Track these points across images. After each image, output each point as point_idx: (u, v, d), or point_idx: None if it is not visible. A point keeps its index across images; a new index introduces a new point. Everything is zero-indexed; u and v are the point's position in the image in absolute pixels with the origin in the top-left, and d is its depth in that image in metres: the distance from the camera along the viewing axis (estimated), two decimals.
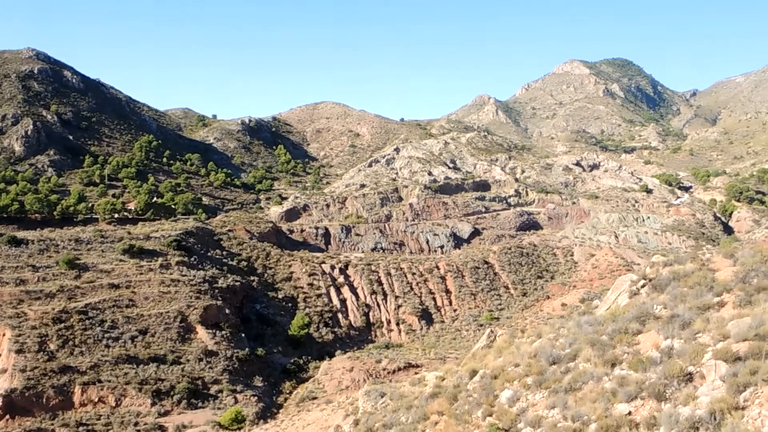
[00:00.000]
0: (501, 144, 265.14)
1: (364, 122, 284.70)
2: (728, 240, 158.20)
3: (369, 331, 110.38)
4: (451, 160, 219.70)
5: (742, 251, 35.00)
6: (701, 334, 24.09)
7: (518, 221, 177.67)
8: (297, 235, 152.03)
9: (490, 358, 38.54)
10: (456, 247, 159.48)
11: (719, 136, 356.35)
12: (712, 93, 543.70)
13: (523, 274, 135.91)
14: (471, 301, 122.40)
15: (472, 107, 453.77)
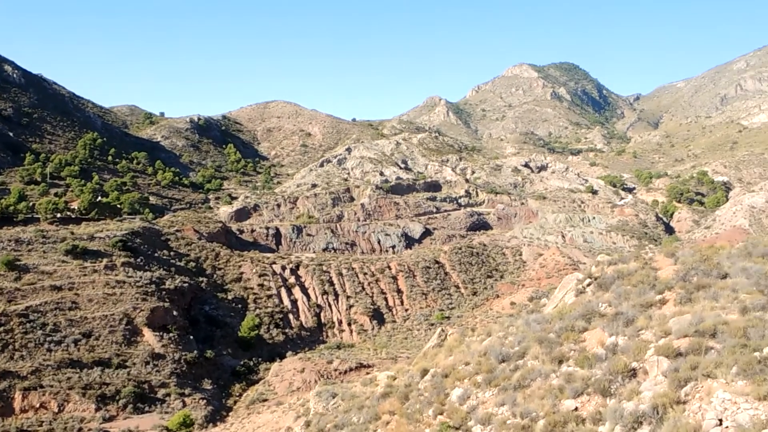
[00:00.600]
0: (452, 145, 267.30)
1: (316, 122, 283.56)
2: (669, 240, 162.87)
3: (320, 331, 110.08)
4: (402, 160, 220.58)
5: (683, 250, 36.16)
6: (644, 330, 24.82)
7: (469, 221, 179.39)
8: (247, 235, 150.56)
9: (441, 357, 38.89)
10: (407, 247, 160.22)
11: (661, 140, 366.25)
12: (654, 97, 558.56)
13: (474, 273, 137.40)
14: (422, 301, 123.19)
15: (424, 108, 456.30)
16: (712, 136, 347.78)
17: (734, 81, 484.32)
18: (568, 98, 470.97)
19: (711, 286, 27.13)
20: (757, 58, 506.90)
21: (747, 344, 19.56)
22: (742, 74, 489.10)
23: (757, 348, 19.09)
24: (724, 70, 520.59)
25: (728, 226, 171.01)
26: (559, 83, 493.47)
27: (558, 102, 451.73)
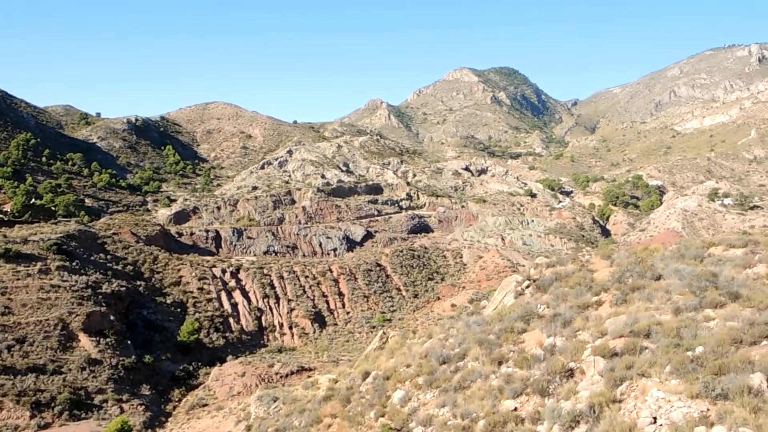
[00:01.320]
0: (393, 148, 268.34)
1: (257, 124, 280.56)
2: (606, 242, 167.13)
3: (261, 335, 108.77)
4: (344, 163, 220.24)
5: (618, 253, 37.02)
6: (581, 331, 25.24)
7: (410, 224, 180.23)
8: (186, 238, 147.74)
9: (382, 360, 38.82)
10: (349, 249, 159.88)
11: (598, 144, 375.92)
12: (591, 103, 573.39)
13: (415, 276, 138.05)
14: (364, 304, 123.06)
15: (365, 111, 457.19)
16: (646, 141, 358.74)
17: (668, 87, 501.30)
18: (508, 103, 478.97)
19: (645, 288, 27.79)
20: (690, 65, 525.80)
21: (680, 344, 20.05)
22: (675, 81, 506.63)
23: (689, 347, 19.58)
24: (658, 77, 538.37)
25: (662, 228, 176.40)
26: (499, 88, 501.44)
27: (498, 106, 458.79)
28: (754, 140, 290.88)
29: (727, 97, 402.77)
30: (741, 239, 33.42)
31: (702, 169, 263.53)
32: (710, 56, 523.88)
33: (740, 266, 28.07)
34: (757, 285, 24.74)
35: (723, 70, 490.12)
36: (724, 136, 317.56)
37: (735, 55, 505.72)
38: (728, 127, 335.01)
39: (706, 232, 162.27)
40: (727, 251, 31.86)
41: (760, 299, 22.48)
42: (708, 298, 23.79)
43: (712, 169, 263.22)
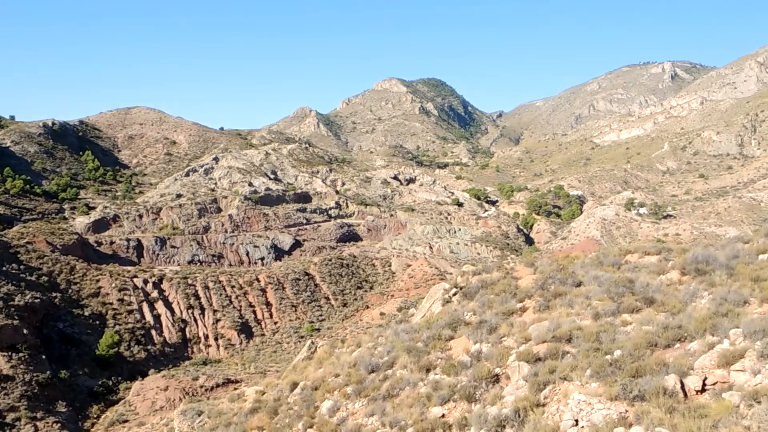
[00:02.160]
0: (322, 156, 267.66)
1: (181, 130, 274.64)
2: (529, 250, 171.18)
3: (185, 347, 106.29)
4: (272, 171, 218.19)
5: (541, 260, 38.03)
6: (506, 337, 25.80)
7: (339, 233, 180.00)
8: (106, 247, 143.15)
9: (310, 370, 38.60)
10: (277, 258, 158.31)
11: (522, 155, 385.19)
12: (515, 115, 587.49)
13: (344, 284, 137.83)
14: (292, 313, 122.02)
15: (294, 119, 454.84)
16: (567, 153, 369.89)
17: (588, 101, 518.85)
18: (436, 113, 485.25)
19: (567, 294, 28.63)
20: (608, 80, 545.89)
21: (599, 348, 20.76)
22: (594, 95, 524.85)
23: (608, 351, 20.29)
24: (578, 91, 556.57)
25: (582, 237, 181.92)
26: (427, 98, 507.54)
27: (426, 117, 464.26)
28: (667, 153, 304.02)
29: (642, 111, 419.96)
30: (655, 247, 34.88)
31: (619, 179, 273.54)
32: (627, 72, 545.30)
33: (655, 272, 29.28)
34: (670, 290, 25.86)
35: (638, 85, 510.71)
36: (639, 149, 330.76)
37: (650, 71, 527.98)
38: (643, 140, 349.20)
39: (623, 240, 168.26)
40: (643, 258, 33.17)
41: (673, 304, 23.51)
42: (625, 303, 24.71)
43: (629, 180, 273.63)
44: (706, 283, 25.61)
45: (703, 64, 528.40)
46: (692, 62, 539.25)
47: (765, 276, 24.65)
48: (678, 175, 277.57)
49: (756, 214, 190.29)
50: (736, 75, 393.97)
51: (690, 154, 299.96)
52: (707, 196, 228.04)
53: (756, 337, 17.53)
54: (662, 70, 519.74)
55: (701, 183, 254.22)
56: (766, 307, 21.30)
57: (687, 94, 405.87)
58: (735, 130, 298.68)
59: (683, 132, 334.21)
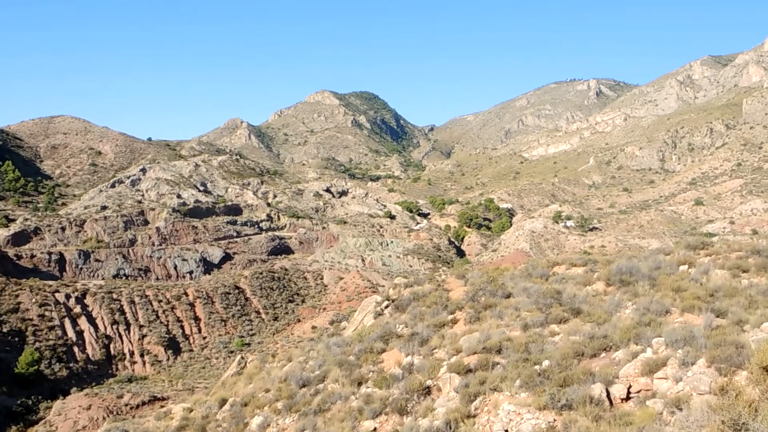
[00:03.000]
0: (253, 168, 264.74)
1: (108, 140, 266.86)
2: (460, 262, 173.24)
3: (110, 364, 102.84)
4: (201, 182, 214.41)
5: (472, 272, 38.43)
6: (438, 349, 25.86)
7: (270, 246, 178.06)
8: (26, 261, 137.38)
9: (240, 386, 37.83)
10: (206, 272, 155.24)
11: (453, 168, 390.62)
12: (447, 129, 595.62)
13: (275, 298, 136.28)
14: (221, 328, 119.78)
15: (225, 130, 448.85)
16: (497, 167, 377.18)
17: (517, 117, 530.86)
18: (368, 126, 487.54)
19: (497, 305, 28.95)
20: (537, 96, 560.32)
21: (528, 358, 21.01)
22: (523, 111, 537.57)
23: (536, 362, 20.56)
24: (508, 107, 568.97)
25: (512, 249, 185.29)
26: (359, 111, 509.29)
27: (359, 129, 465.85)
28: (593, 167, 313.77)
29: (569, 127, 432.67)
30: (581, 258, 35.74)
31: (547, 193, 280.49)
32: (554, 89, 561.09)
33: (581, 284, 29.94)
34: (596, 301, 26.47)
35: (565, 102, 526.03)
36: (566, 163, 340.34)
37: (576, 88, 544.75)
38: (570, 155, 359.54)
39: (552, 251, 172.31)
40: (570, 270, 33.90)
41: (599, 314, 24.06)
42: (553, 314, 25.15)
43: (556, 194, 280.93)
44: (630, 293, 26.33)
45: (626, 82, 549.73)
46: (616, 80, 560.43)
47: (685, 286, 25.52)
48: (603, 188, 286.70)
49: (677, 226, 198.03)
50: (658, 93, 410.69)
51: (614, 168, 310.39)
52: (631, 209, 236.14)
53: (677, 345, 18.05)
54: (588, 87, 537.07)
55: (625, 196, 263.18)
56: (687, 317, 22.01)
57: (611, 110, 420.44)
58: (657, 146, 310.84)
59: (608, 147, 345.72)
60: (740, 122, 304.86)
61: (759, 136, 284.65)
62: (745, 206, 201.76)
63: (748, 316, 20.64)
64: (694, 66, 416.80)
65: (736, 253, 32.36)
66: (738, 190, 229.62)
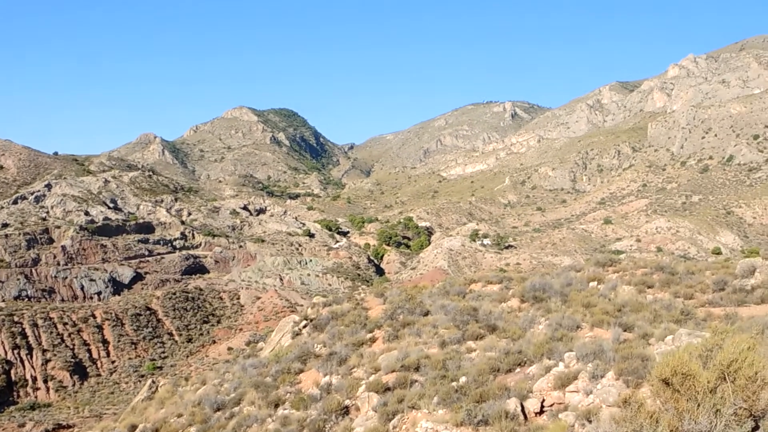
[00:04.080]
0: (167, 185, 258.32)
1: (10, 153, 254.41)
2: (380, 280, 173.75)
3: (11, 391, 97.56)
4: (111, 199, 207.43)
5: (391, 291, 38.58)
6: (356, 368, 25.73)
7: (184, 265, 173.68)
8: None
9: (151, 411, 36.54)
10: (116, 293, 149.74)
11: (373, 187, 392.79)
12: (367, 147, 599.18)
13: (189, 319, 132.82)
14: (132, 351, 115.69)
15: (137, 145, 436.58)
16: (416, 185, 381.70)
17: (435, 136, 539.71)
18: (287, 144, 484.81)
19: (415, 323, 29.11)
20: (454, 117, 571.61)
21: (446, 375, 21.15)
22: (442, 131, 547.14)
23: (454, 378, 20.71)
24: (427, 126, 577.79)
25: (431, 267, 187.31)
26: (278, 128, 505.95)
27: (277, 147, 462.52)
28: (508, 187, 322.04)
29: (485, 147, 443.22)
30: (497, 276, 36.46)
31: (465, 212, 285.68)
32: (471, 110, 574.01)
33: (497, 300, 30.52)
34: (511, 317, 27.01)
35: (482, 123, 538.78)
36: (483, 183, 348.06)
37: (492, 110, 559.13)
38: (486, 175, 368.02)
39: (469, 269, 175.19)
40: (486, 287, 34.51)
41: (514, 330, 24.54)
42: (470, 331, 25.47)
43: (473, 212, 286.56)
44: (543, 309, 26.99)
45: (540, 105, 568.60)
46: (530, 103, 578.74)
47: (595, 302, 26.37)
48: (518, 207, 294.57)
49: (587, 244, 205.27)
50: (569, 116, 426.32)
51: (529, 188, 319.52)
52: (544, 228, 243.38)
53: (588, 359, 18.55)
54: (503, 109, 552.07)
55: (539, 215, 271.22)
56: (597, 331, 22.71)
57: (526, 132, 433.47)
58: (568, 167, 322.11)
59: (522, 167, 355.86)
60: (645, 145, 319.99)
61: (662, 159, 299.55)
62: (650, 225, 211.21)
63: (653, 330, 21.49)
64: (603, 91, 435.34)
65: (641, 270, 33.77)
66: (644, 210, 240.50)
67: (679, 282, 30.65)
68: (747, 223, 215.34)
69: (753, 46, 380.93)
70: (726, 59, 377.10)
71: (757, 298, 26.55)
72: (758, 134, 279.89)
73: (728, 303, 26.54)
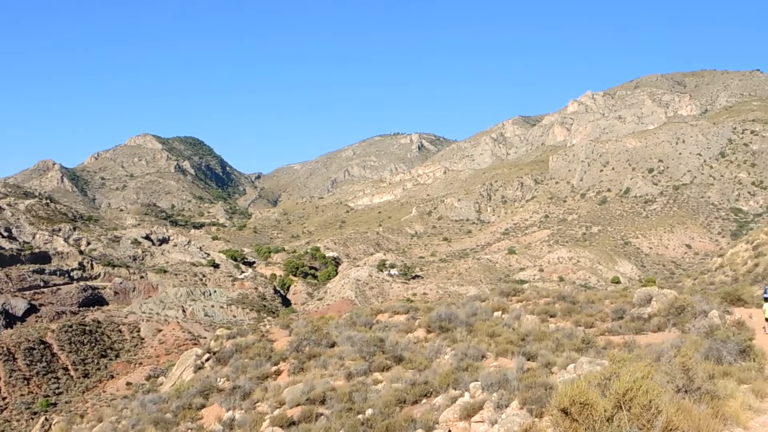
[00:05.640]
0: (66, 213, 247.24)
1: None
2: (286, 312, 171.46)
3: None
4: (6, 228, 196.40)
5: (297, 322, 38.15)
6: (260, 402, 25.14)
7: (82, 296, 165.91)
8: None
9: None
10: (7, 326, 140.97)
11: (280, 216, 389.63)
12: (274, 177, 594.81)
13: (86, 353, 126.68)
14: (24, 387, 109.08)
15: (35, 172, 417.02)
16: (324, 215, 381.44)
17: (343, 167, 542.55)
18: (192, 172, 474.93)
19: (321, 355, 28.82)
20: (362, 148, 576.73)
21: (352, 408, 20.95)
22: (349, 161, 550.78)
23: (360, 411, 20.54)
24: (334, 157, 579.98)
25: (338, 297, 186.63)
26: (183, 157, 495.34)
27: (182, 175, 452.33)
28: (415, 217, 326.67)
29: (392, 178, 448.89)
30: (404, 306, 36.69)
31: (372, 242, 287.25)
32: (379, 141, 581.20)
33: (403, 331, 30.65)
34: (417, 348, 27.14)
35: (389, 154, 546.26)
36: (390, 213, 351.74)
37: (399, 141, 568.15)
38: (394, 205, 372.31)
39: (376, 299, 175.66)
40: (393, 317, 34.63)
41: (420, 361, 24.65)
42: (376, 362, 25.41)
43: (381, 242, 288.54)
44: (449, 339, 27.28)
45: (446, 137, 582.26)
46: (437, 135, 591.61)
47: (499, 331, 26.88)
48: (425, 237, 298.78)
49: (492, 273, 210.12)
50: (474, 148, 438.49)
51: (435, 218, 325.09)
52: (450, 258, 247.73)
53: (492, 389, 18.80)
54: (410, 141, 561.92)
55: (445, 245, 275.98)
56: (501, 360, 23.10)
57: (432, 163, 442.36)
58: (473, 198, 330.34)
59: (429, 198, 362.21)
60: (547, 177, 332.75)
61: (563, 191, 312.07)
62: (553, 255, 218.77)
63: (556, 359, 22.06)
64: (506, 125, 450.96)
65: (544, 299, 34.78)
66: (546, 240, 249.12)
67: (580, 311, 31.72)
68: (644, 253, 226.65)
69: (647, 84, 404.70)
70: (622, 96, 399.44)
71: (653, 326, 27.77)
72: (653, 168, 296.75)
73: (627, 331, 27.64)
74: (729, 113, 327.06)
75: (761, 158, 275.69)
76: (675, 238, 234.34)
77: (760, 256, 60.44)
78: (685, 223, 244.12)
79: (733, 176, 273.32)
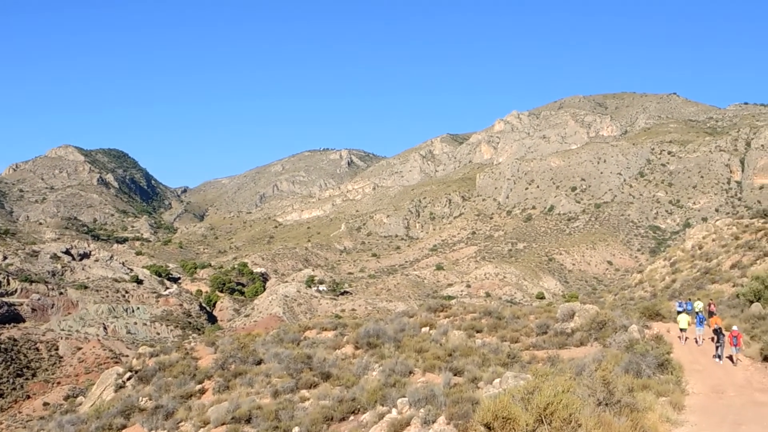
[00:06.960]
0: None
1: None
2: (212, 329, 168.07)
3: None
4: None
5: (223, 339, 37.46)
6: (184, 422, 24.54)
7: None
8: None
9: None
10: None
11: (206, 231, 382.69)
12: (201, 191, 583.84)
13: (0, 372, 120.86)
14: None
15: None
16: (252, 231, 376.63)
17: (272, 182, 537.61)
18: (116, 185, 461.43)
19: (247, 373, 28.37)
20: (291, 163, 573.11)
21: (278, 426, 20.69)
22: (278, 176, 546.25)
23: (287, 429, 20.30)
24: (263, 171, 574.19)
25: (266, 313, 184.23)
26: (107, 169, 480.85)
27: (105, 188, 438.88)
28: (344, 233, 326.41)
29: (322, 193, 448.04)
30: (332, 322, 36.54)
31: (301, 257, 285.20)
32: (308, 157, 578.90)
33: (331, 347, 30.51)
34: (345, 364, 27.06)
35: (319, 169, 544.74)
36: (319, 228, 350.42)
37: (329, 157, 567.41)
38: (323, 221, 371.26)
39: (305, 316, 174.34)
40: (321, 334, 34.44)
41: (348, 377, 24.57)
42: (303, 379, 25.20)
43: (309, 258, 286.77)
44: (377, 355, 27.31)
45: (375, 154, 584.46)
46: (366, 151, 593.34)
47: (427, 347, 27.09)
48: (354, 253, 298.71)
49: (420, 289, 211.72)
50: (403, 165, 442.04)
51: (364, 234, 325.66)
52: (379, 274, 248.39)
53: (420, 405, 18.90)
54: (340, 157, 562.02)
55: (374, 261, 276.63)
56: (429, 376, 23.26)
57: (361, 179, 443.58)
58: (402, 214, 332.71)
59: (358, 214, 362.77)
60: (474, 194, 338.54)
61: (490, 208, 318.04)
62: (480, 271, 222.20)
63: (482, 374, 22.37)
64: (435, 142, 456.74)
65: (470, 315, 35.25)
66: (473, 256, 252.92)
67: (505, 326, 32.29)
68: (567, 269, 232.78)
69: (570, 105, 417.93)
70: (546, 116, 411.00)
71: (576, 341, 28.51)
72: (575, 186, 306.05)
73: (551, 345, 28.29)
74: (647, 134, 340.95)
75: (678, 178, 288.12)
76: (597, 255, 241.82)
77: (677, 273, 63.04)
78: (606, 240, 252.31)
79: (652, 195, 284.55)
